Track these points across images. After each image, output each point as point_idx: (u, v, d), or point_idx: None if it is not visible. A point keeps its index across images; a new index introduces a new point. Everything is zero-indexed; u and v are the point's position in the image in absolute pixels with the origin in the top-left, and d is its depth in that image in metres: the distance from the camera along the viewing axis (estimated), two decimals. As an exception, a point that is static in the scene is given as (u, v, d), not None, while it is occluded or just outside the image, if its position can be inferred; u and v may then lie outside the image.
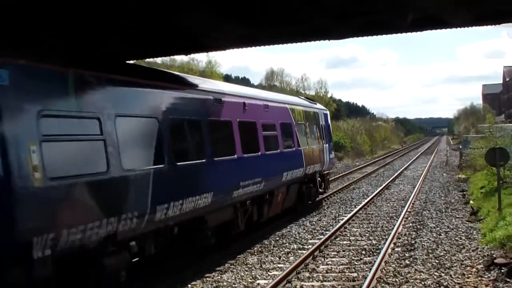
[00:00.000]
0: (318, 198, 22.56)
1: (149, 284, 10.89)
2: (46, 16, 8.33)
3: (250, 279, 11.31)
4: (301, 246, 14.37)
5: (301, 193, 19.73)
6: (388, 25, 10.25)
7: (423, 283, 10.57)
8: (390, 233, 15.17)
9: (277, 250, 13.98)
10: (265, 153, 15.48)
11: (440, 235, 15.25)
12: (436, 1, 8.87)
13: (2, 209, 6.79)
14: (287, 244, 14.68)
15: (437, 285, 10.44)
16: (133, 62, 14.39)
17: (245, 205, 14.46)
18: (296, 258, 12.69)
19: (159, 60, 45.91)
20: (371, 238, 15.19)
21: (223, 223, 13.43)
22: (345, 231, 16.34)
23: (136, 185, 9.28)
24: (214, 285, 10.92)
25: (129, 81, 9.71)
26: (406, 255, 12.97)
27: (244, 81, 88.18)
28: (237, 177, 13.37)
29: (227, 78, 74.36)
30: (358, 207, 20.45)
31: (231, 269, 12.16)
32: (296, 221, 18.14)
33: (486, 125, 47.08)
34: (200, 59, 65.08)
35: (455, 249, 13.45)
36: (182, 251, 12.03)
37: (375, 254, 13.07)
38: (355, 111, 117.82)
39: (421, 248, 13.64)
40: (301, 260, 12.24)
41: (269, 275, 11.57)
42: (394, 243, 14.30)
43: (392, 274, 11.27)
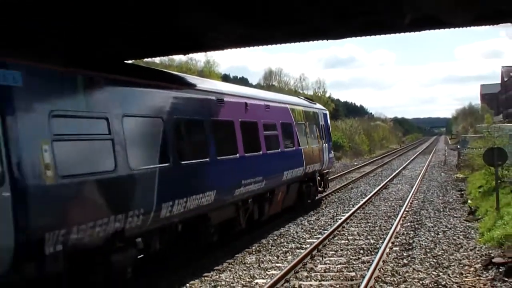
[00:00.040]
0: (318, 197, 22.66)
1: (150, 281, 10.93)
2: (46, 16, 8.36)
3: (248, 279, 11.33)
4: (299, 246, 14.40)
5: (301, 192, 19.90)
6: (388, 25, 10.28)
7: (421, 283, 10.60)
8: (388, 233, 15.20)
9: (276, 250, 14.01)
10: (266, 153, 15.68)
11: (438, 235, 15.29)
12: (436, 1, 8.89)
13: (17, 206, 6.96)
14: (285, 244, 14.71)
15: (435, 285, 10.46)
16: (132, 62, 14.43)
17: (247, 204, 14.64)
18: (294, 258, 12.73)
19: (157, 60, 45.88)
20: (369, 238, 15.22)
21: (225, 221, 13.65)
22: (343, 231, 16.37)
23: (143, 183, 9.52)
24: (213, 285, 10.95)
25: (136, 82, 9.93)
26: (404, 255, 13.00)
27: (242, 81, 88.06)
28: (239, 176, 13.59)
29: (225, 78, 74.25)
30: (356, 207, 20.47)
31: (229, 268, 12.19)
32: (294, 221, 18.17)
33: (484, 125, 47.12)
34: (199, 59, 65.07)
35: (453, 249, 13.49)
36: (186, 248, 12.22)
37: (373, 254, 13.10)
38: (354, 111, 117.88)
39: (419, 248, 13.67)
40: (299, 260, 12.27)
41: (268, 275, 11.59)
42: (392, 243, 14.33)
43: (390, 274, 11.30)
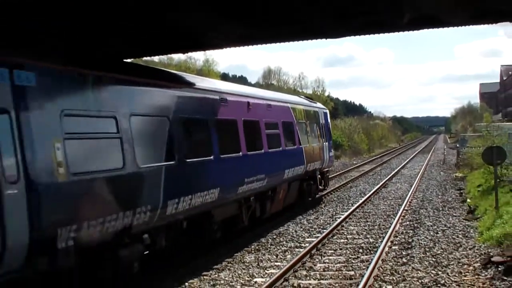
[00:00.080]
0: (318, 195, 22.75)
1: (150, 280, 10.94)
2: (46, 16, 8.38)
3: (248, 277, 11.36)
4: (299, 244, 14.43)
5: (302, 190, 20.12)
6: (387, 24, 10.28)
7: (420, 281, 10.63)
8: (387, 231, 15.23)
9: (275, 248, 14.04)
10: (268, 151, 15.92)
11: (437, 234, 15.32)
12: (436, 1, 8.90)
13: (31, 203, 7.12)
14: (285, 242, 14.74)
15: (434, 283, 10.49)
16: (131, 61, 14.42)
17: (249, 201, 14.88)
18: (294, 256, 12.75)
19: (156, 59, 45.77)
20: (368, 236, 15.25)
21: (229, 218, 13.87)
22: (342, 229, 16.40)
23: (150, 181, 9.76)
24: (212, 283, 10.97)
25: (142, 82, 10.18)
26: (403, 253, 13.03)
27: (242, 80, 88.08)
28: (242, 174, 13.84)
29: (225, 77, 74.05)
30: (356, 205, 20.50)
31: (228, 267, 12.21)
32: (294, 219, 18.21)
33: (483, 124, 47.05)
34: (198, 58, 65.30)
35: (452, 247, 13.52)
36: (190, 245, 12.42)
37: (372, 252, 13.12)
38: (353, 110, 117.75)
39: (418, 246, 13.70)
40: (298, 258, 12.30)
41: (267, 273, 11.61)
42: (391, 241, 14.36)
43: (389, 272, 11.33)
